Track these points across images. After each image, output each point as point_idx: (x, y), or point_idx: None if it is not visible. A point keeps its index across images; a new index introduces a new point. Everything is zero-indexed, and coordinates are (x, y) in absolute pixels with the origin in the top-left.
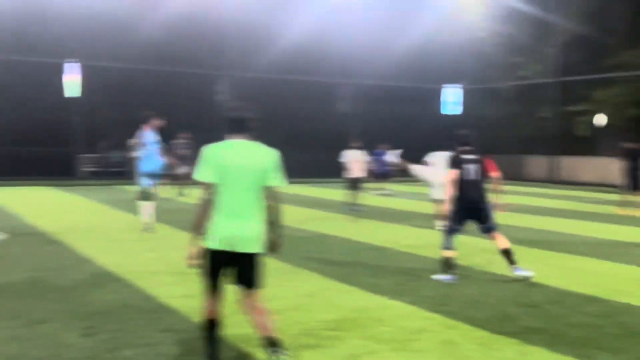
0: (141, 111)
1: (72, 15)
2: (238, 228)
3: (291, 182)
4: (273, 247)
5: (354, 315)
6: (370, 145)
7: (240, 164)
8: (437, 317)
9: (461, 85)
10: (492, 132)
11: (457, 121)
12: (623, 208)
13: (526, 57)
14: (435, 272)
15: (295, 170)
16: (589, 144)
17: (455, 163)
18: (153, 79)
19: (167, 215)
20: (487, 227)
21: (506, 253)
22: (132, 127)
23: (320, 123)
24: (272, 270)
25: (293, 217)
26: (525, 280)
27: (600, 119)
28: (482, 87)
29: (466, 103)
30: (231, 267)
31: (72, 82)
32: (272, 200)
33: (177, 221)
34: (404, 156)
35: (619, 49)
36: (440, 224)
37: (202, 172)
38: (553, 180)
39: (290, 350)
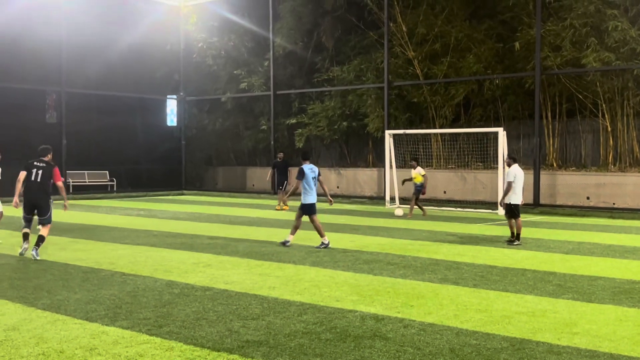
0: None
1: None
2: None
3: None
4: None
5: (62, 346)
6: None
7: None
8: (155, 340)
9: (177, 96)
10: (215, 143)
11: (178, 132)
12: (279, 205)
13: (246, 70)
14: (155, 292)
15: None
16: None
17: (26, 167)
18: None
19: None
20: (42, 220)
21: (41, 239)
22: None
23: (25, 134)
24: None
25: None
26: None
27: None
28: (204, 98)
29: (188, 114)
30: None
31: None
32: None
33: None
34: None
35: (328, 65)
36: None
37: None
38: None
39: None
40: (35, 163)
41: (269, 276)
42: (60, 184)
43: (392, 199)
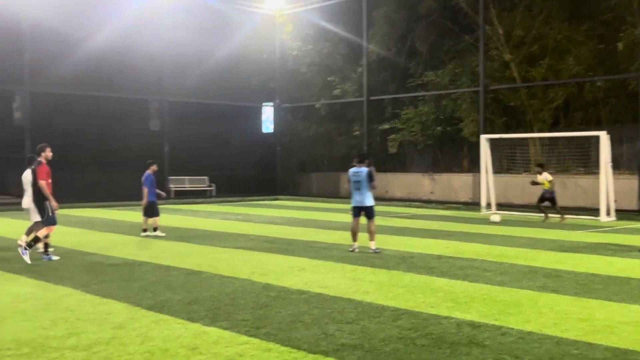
0: None
1: None
2: None
3: (97, 206)
4: None
5: (166, 345)
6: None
7: None
8: (254, 341)
9: (273, 104)
10: (309, 149)
11: (273, 139)
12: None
13: (339, 77)
14: (253, 294)
15: (102, 192)
16: (399, 160)
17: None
18: None
19: None
20: (42, 222)
21: (35, 239)
22: None
23: (129, 142)
24: (77, 302)
25: (99, 243)
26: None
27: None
28: (298, 105)
29: (282, 121)
30: None
31: None
32: None
33: None
34: None
35: (422, 70)
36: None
37: None
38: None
39: None
40: (32, 167)
41: (363, 281)
42: (41, 183)
43: (488, 205)
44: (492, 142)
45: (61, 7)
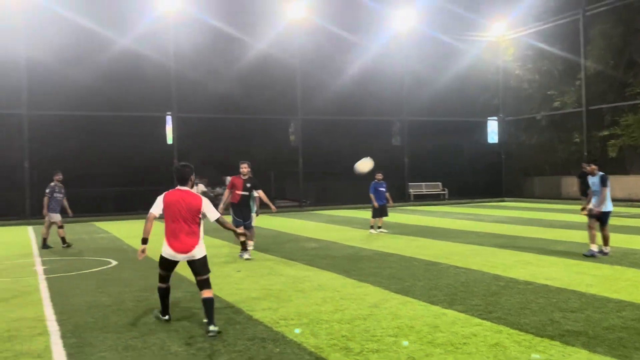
0: (226, 154)
1: (165, 73)
2: None
3: (354, 207)
4: None
5: (412, 322)
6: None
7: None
8: (486, 323)
9: (497, 118)
10: (531, 156)
11: (498, 148)
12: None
13: (558, 91)
14: (484, 283)
15: (357, 196)
16: (619, 164)
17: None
18: (234, 125)
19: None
20: (246, 225)
21: (243, 243)
22: (218, 168)
23: (375, 155)
24: (341, 285)
25: (356, 237)
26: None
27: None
28: (520, 118)
29: (506, 133)
30: None
31: (168, 132)
32: None
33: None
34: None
35: None
36: None
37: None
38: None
39: (360, 354)
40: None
41: (586, 274)
42: (226, 192)
43: None
44: None
45: (322, 47)
